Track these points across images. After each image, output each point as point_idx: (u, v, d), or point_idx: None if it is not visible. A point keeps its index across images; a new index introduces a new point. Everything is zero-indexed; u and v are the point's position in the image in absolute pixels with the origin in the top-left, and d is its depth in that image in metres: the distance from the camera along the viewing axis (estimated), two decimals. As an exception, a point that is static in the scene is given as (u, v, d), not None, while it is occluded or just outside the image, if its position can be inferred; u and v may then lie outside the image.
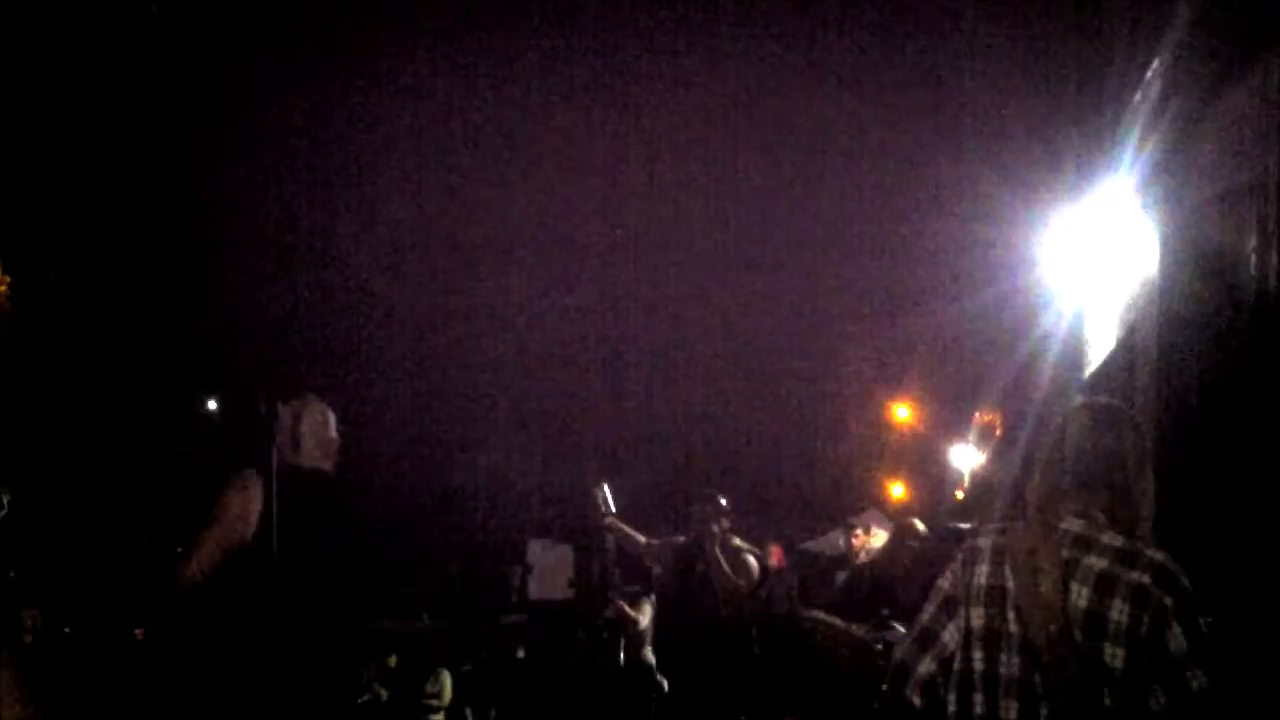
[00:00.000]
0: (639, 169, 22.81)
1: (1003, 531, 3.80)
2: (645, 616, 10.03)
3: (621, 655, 9.33)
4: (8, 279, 17.19)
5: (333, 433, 5.83)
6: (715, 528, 8.66)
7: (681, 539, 8.84)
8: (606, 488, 8.64)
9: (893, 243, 21.03)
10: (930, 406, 26.50)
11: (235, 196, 19.27)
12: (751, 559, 8.70)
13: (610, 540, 8.83)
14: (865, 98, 19.75)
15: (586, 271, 23.27)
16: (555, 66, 20.93)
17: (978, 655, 3.70)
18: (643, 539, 8.98)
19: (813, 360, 25.46)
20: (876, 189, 21.00)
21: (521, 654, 10.62)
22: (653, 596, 9.69)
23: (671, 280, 23.78)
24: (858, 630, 6.49)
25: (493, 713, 10.75)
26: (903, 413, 28.18)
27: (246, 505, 5.47)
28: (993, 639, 3.68)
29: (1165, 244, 6.78)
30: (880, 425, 28.37)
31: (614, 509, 8.64)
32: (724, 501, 8.84)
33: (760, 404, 25.50)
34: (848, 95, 20.18)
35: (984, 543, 3.81)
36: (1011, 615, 3.64)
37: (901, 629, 5.94)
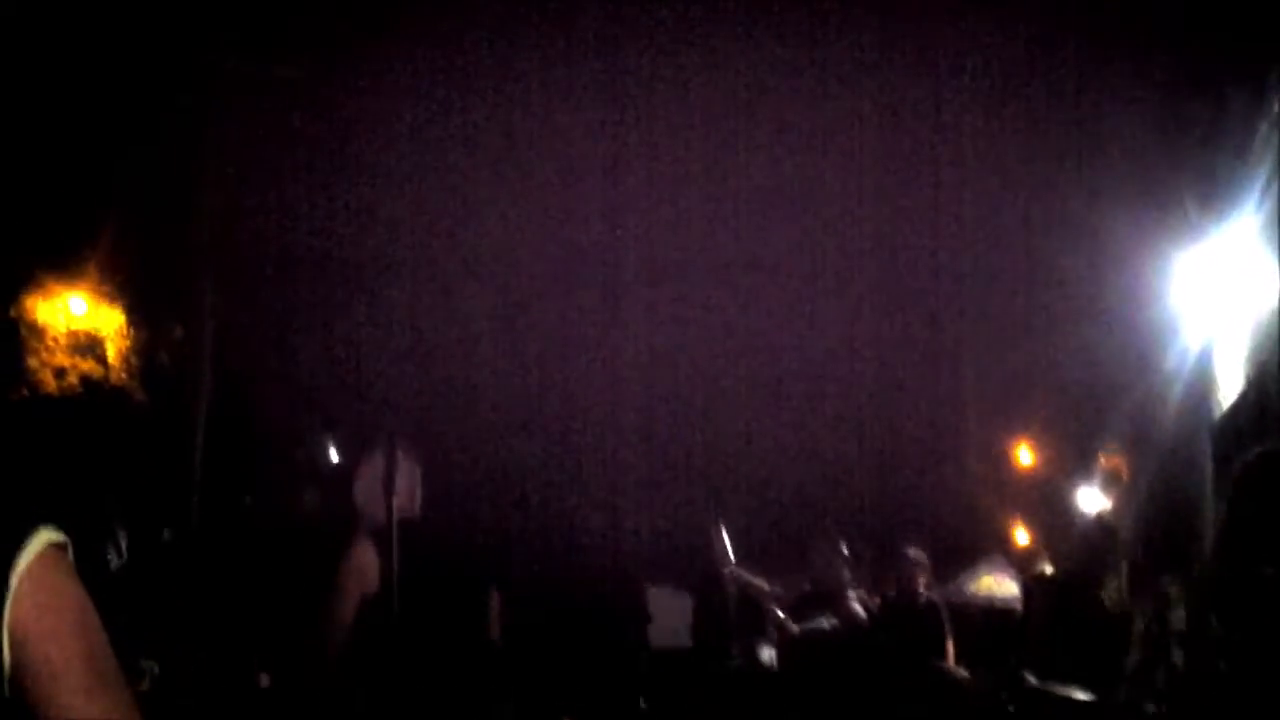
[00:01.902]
0: (767, 202, 22.61)
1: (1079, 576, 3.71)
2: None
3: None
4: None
5: (417, 481, 5.77)
6: (840, 576, 8.55)
7: (807, 588, 8.73)
8: (725, 533, 8.57)
9: (1015, 276, 20.67)
10: (1054, 446, 26.04)
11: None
12: (858, 607, 8.58)
13: (731, 587, 8.75)
14: (992, 128, 19.46)
15: (701, 308, 23.16)
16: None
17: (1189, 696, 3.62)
18: (766, 586, 8.88)
19: (933, 397, 25.10)
20: (997, 221, 20.66)
21: (643, 704, 10.55)
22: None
23: (786, 313, 23.57)
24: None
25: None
26: (1024, 454, 27.72)
27: (369, 566, 5.48)
28: (1202, 681, 3.59)
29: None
30: (1003, 466, 27.93)
31: (732, 555, 8.58)
32: (844, 546, 8.73)
33: (879, 442, 25.16)
34: (975, 124, 19.92)
35: (1174, 587, 3.72)
36: (1221, 656, 3.54)
37: (1032, 679, 5.85)
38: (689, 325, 22.97)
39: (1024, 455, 27.83)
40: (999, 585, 9.30)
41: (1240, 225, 7.86)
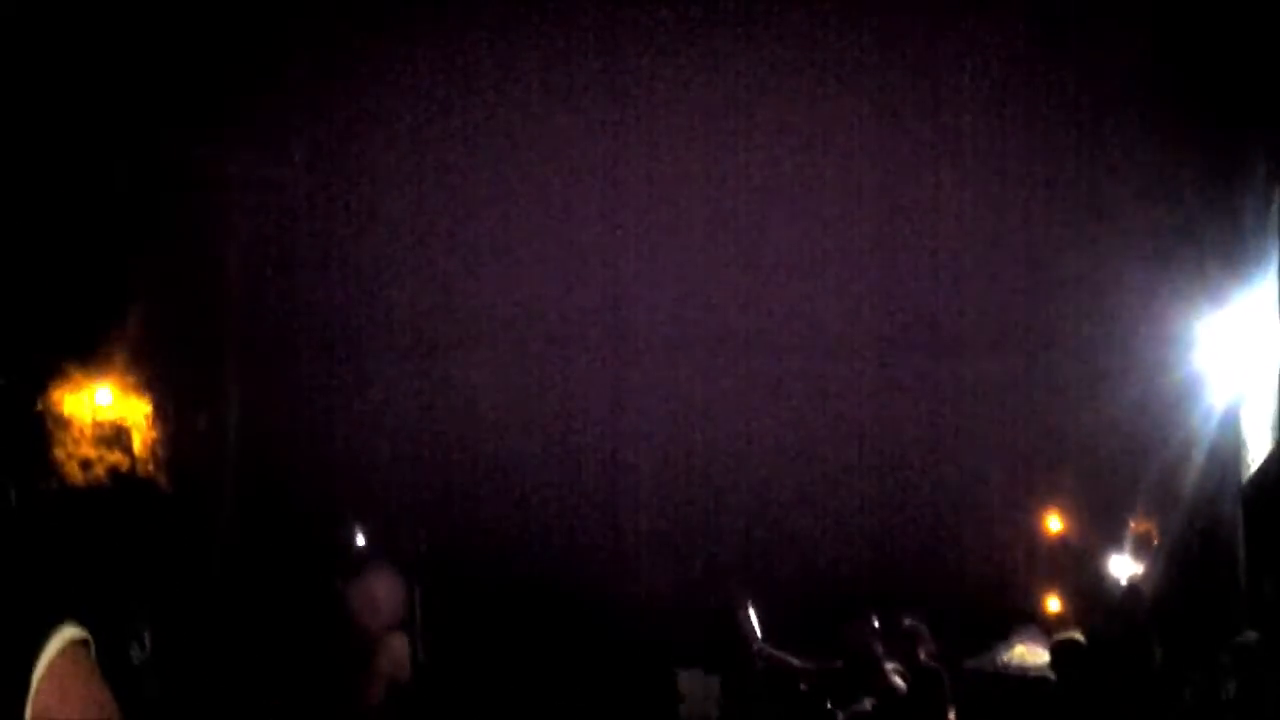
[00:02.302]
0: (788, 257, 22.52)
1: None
2: None
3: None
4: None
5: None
6: (874, 650, 8.46)
7: (840, 664, 8.62)
8: (752, 611, 8.50)
9: (1040, 343, 20.59)
10: (1082, 514, 25.86)
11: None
12: (898, 680, 8.47)
13: (760, 665, 8.65)
14: (1014, 192, 19.47)
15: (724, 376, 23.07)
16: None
17: None
18: (797, 663, 8.79)
19: (961, 467, 24.92)
20: (1023, 287, 20.57)
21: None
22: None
23: (813, 380, 23.46)
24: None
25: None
26: (1054, 523, 27.53)
27: (399, 653, 5.67)
28: None
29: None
30: (1032, 535, 27.73)
31: (759, 633, 8.49)
32: (876, 622, 8.63)
33: (905, 513, 24.97)
34: (996, 188, 19.93)
35: (1225, 658, 3.71)
36: None
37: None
38: (700, 386, 22.83)
39: (1053, 523, 27.64)
40: (1032, 654, 9.18)
41: (1262, 288, 7.85)
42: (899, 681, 8.40)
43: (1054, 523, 27.51)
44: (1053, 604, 26.97)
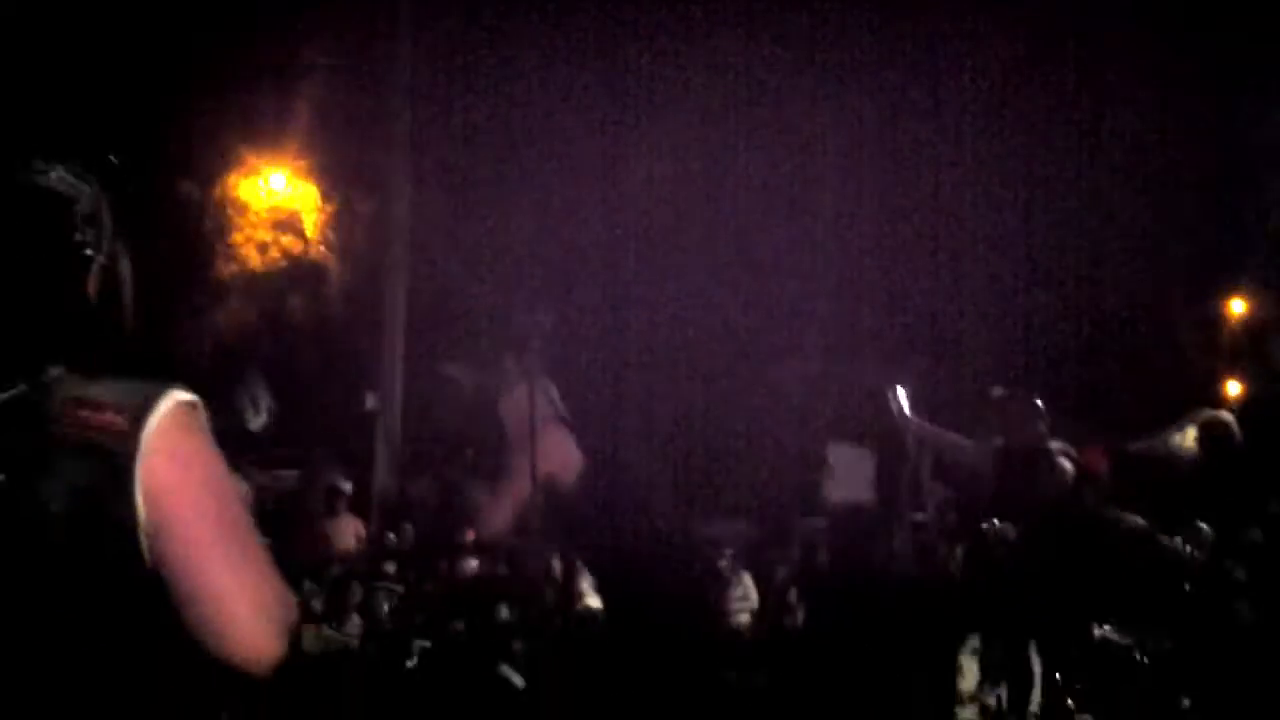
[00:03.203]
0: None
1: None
2: None
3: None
4: None
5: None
6: (1034, 430, 8.30)
7: (1000, 442, 8.47)
8: (900, 389, 8.38)
9: (1221, 130, 19.97)
10: (1264, 298, 25.16)
11: None
12: (1066, 462, 8.28)
13: (911, 442, 8.55)
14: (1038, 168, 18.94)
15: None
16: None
17: None
18: (957, 439, 8.68)
19: (1130, 249, 24.36)
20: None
21: (824, 558, 10.48)
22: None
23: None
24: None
25: (800, 615, 10.72)
26: (1236, 305, 26.85)
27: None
28: None
29: None
30: (1216, 321, 27.10)
31: (908, 409, 8.38)
32: (1039, 404, 8.46)
33: (1074, 291, 24.52)
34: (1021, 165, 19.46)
35: None
36: None
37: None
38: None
39: (1237, 306, 26.94)
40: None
41: None
42: (1066, 466, 8.21)
43: (1237, 305, 26.83)
44: (1233, 388, 26.43)
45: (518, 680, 6.85)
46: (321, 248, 18.64)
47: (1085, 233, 23.96)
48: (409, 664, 7.62)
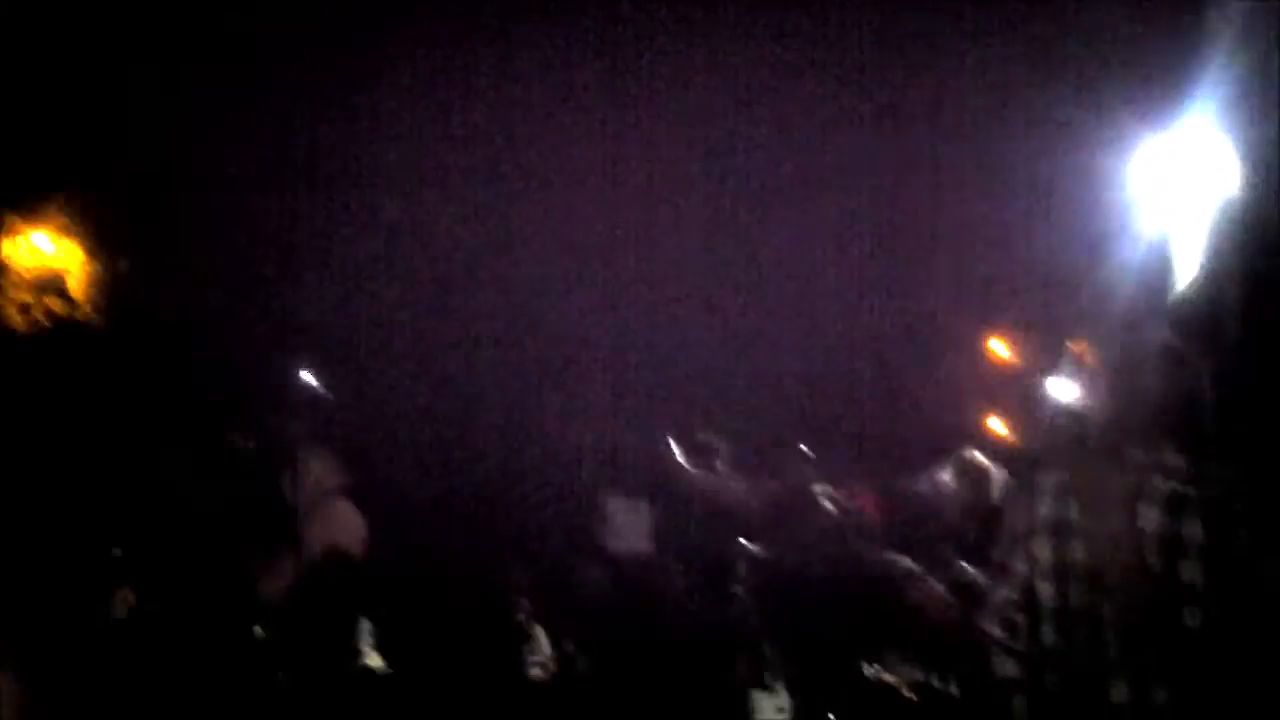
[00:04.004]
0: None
1: (1066, 464, 3.80)
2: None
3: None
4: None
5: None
6: (801, 475, 8.60)
7: (774, 485, 8.73)
8: (673, 440, 8.59)
9: (981, 173, 20.67)
10: (1025, 338, 26.17)
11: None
12: (830, 505, 8.60)
13: (688, 492, 8.74)
14: (942, 12, 19.43)
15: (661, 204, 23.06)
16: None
17: (1046, 589, 3.69)
18: (731, 486, 8.89)
19: (900, 295, 25.09)
20: (956, 113, 20.59)
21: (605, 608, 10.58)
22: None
23: (751, 202, 23.50)
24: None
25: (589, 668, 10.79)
26: (997, 345, 27.85)
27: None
28: (1061, 572, 3.66)
29: (1250, 166, 6.63)
30: (975, 360, 28.06)
31: (682, 459, 8.59)
32: (807, 450, 8.76)
33: (847, 342, 25.16)
34: (923, 9, 19.86)
35: (1047, 476, 3.80)
36: (1079, 547, 3.62)
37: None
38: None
39: (998, 347, 27.97)
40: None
41: (1199, 105, 7.85)
42: (831, 507, 8.54)
43: (997, 346, 27.89)
44: (996, 426, 27.41)
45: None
46: (87, 309, 18.20)
47: (854, 281, 24.59)
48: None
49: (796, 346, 24.55)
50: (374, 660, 7.57)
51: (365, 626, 7.21)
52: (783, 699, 9.30)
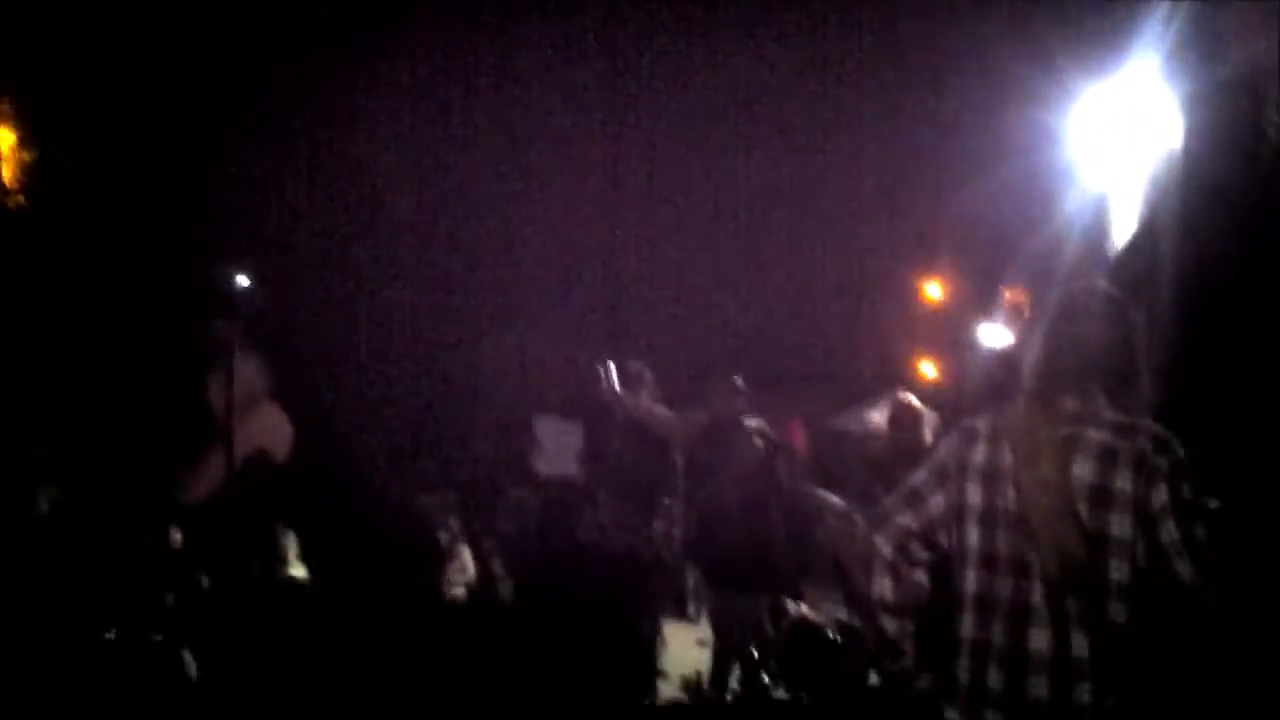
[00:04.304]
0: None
1: (1000, 411, 3.80)
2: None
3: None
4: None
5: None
6: (733, 406, 8.63)
7: (702, 415, 8.78)
8: (611, 364, 8.59)
9: (914, 118, 20.76)
10: (960, 284, 26.34)
11: None
12: (759, 439, 8.64)
13: (620, 415, 8.75)
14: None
15: (605, 146, 23.05)
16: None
17: (974, 533, 3.69)
18: (664, 414, 8.91)
19: (838, 235, 25.20)
20: (895, 61, 20.68)
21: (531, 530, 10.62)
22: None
23: (693, 145, 23.51)
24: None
25: (509, 589, 10.82)
26: (933, 289, 28.01)
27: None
28: (991, 518, 3.67)
29: (1191, 120, 6.65)
30: (909, 302, 28.23)
31: (617, 385, 8.60)
32: (739, 382, 8.78)
33: (781, 280, 25.29)
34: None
35: (982, 422, 3.80)
36: (1010, 493, 3.63)
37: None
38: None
39: (932, 291, 28.14)
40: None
41: (1140, 59, 7.85)
42: (761, 442, 8.58)
43: (932, 290, 28.04)
44: (927, 369, 27.63)
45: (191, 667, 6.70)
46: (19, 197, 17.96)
47: (794, 217, 24.67)
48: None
49: (735, 281, 24.62)
50: (296, 570, 7.55)
51: (289, 535, 7.18)
52: (704, 630, 9.40)
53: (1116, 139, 8.82)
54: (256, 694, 6.01)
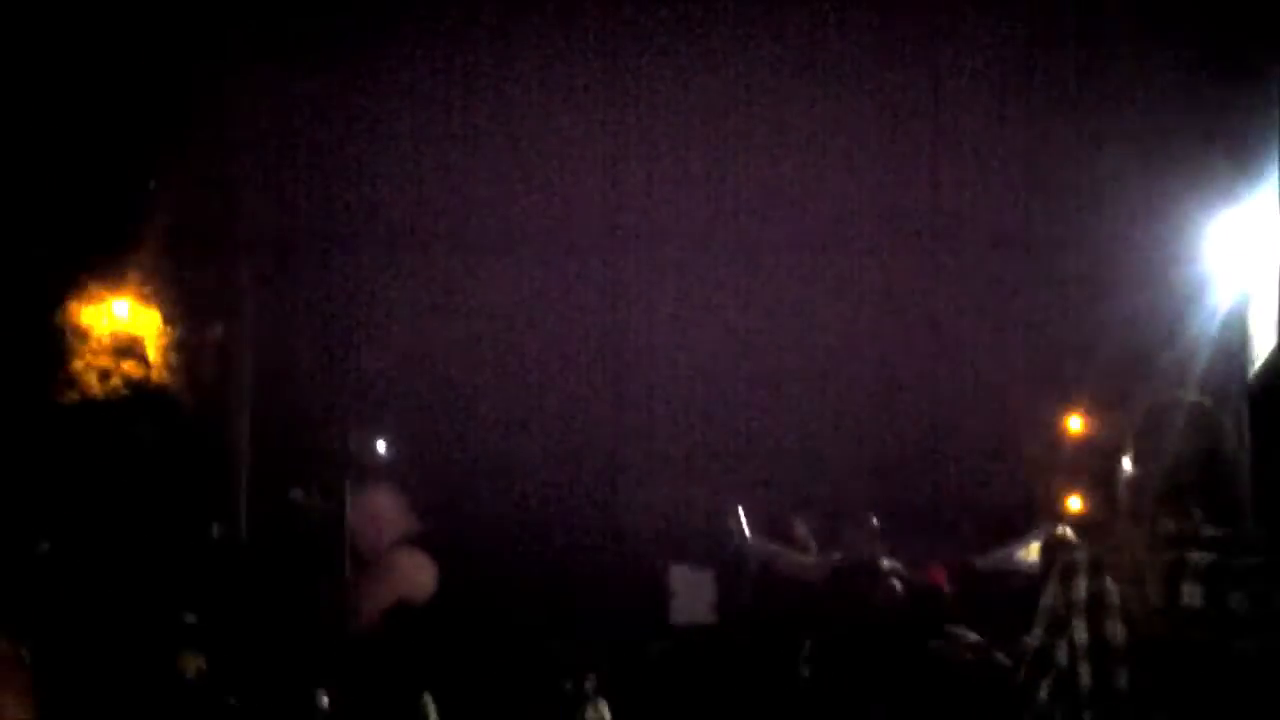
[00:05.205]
0: (768, 194, 22.63)
1: (1099, 539, 3.70)
2: None
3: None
4: None
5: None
6: (875, 549, 8.50)
7: (838, 557, 8.66)
8: (741, 511, 8.54)
9: (1049, 243, 20.59)
10: (1102, 412, 25.87)
11: None
12: (897, 580, 8.48)
13: (752, 564, 8.69)
14: (1020, 92, 19.39)
15: (712, 296, 23.08)
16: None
17: (1085, 671, 3.59)
18: (797, 558, 8.82)
19: (976, 370, 24.91)
20: (1029, 184, 20.54)
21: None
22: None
23: (825, 280, 23.45)
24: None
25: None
26: (1075, 421, 27.51)
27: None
28: (1100, 653, 3.56)
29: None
30: (1053, 435, 27.75)
31: (748, 532, 8.54)
32: (876, 522, 8.67)
33: (923, 418, 24.98)
34: (1002, 87, 19.82)
35: (1080, 554, 3.70)
36: (1119, 626, 3.52)
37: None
38: (701, 312, 22.88)
39: (1074, 423, 27.62)
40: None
41: (1267, 185, 7.79)
42: (898, 585, 8.41)
43: (1074, 422, 27.53)
44: (1074, 503, 27.03)
45: None
46: (165, 373, 18.45)
47: (926, 349, 24.45)
48: None
49: (871, 421, 24.38)
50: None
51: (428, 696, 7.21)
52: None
53: (1252, 258, 8.73)
54: None
